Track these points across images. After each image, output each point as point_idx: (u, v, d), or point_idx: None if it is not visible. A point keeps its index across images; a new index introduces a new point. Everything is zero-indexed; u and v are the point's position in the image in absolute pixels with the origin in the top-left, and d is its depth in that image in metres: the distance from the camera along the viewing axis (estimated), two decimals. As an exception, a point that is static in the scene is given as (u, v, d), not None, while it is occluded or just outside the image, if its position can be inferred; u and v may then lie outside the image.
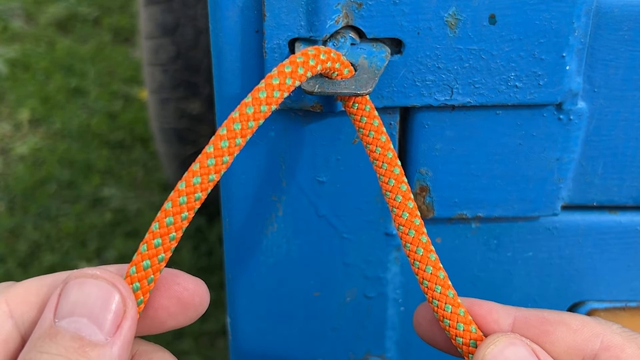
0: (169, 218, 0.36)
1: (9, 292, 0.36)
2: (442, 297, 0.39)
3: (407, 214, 0.40)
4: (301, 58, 0.38)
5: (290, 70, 0.38)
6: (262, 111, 0.37)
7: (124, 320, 0.34)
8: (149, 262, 0.35)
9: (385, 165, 0.41)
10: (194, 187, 0.36)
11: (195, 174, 0.36)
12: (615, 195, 0.52)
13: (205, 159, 0.36)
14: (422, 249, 0.40)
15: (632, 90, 0.47)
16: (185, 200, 0.36)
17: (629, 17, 0.45)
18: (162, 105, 1.36)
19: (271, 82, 0.37)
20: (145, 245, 0.35)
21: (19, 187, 1.77)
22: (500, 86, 0.45)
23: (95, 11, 2.38)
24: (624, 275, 0.55)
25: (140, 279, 0.35)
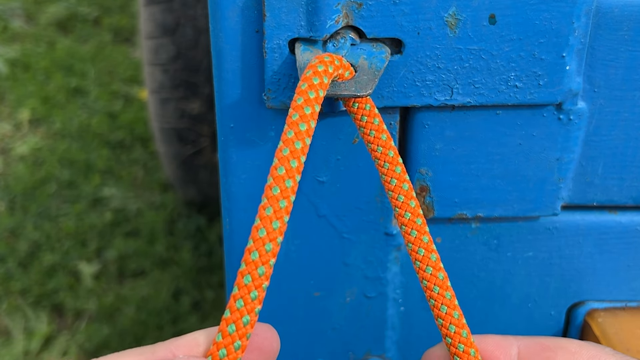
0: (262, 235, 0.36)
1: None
2: (439, 298, 0.40)
3: (410, 213, 0.40)
4: (322, 67, 0.39)
5: (324, 69, 0.38)
6: (316, 110, 0.37)
7: None
8: (233, 327, 0.35)
9: (387, 164, 0.41)
10: (280, 211, 0.36)
11: (278, 197, 0.36)
12: (615, 195, 0.52)
13: (282, 180, 0.36)
14: (423, 250, 0.40)
15: (632, 90, 0.47)
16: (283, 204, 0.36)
17: (629, 17, 0.45)
18: (162, 105, 1.36)
19: (313, 82, 0.38)
20: (229, 311, 0.35)
21: (19, 187, 1.77)
22: (500, 86, 0.45)
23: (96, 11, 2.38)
24: (623, 275, 0.55)
25: (227, 345, 0.35)
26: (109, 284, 1.56)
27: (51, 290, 1.55)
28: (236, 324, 0.34)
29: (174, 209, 1.71)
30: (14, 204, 1.74)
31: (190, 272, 1.57)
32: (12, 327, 1.48)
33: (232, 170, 0.48)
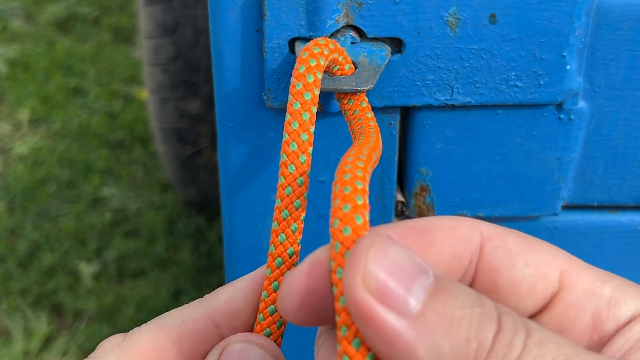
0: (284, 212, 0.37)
1: (127, 357, 0.33)
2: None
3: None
4: (317, 49, 0.39)
5: (319, 51, 0.38)
6: (316, 94, 0.38)
7: None
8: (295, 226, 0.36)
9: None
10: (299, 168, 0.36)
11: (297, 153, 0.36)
12: (616, 195, 0.52)
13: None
14: None
15: (632, 90, 0.47)
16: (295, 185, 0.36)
17: (630, 17, 0.45)
18: (162, 105, 1.36)
19: (310, 64, 0.38)
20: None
21: (18, 186, 1.77)
22: (500, 86, 0.45)
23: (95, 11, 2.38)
24: (624, 275, 0.55)
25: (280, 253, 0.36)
26: (109, 284, 1.56)
27: (51, 290, 1.54)
28: (282, 257, 0.36)
29: (174, 209, 1.71)
30: (14, 204, 1.74)
31: (190, 272, 1.57)
32: (11, 327, 1.48)
33: (232, 170, 0.48)
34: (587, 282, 0.32)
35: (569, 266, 0.32)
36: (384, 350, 0.27)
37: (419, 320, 0.26)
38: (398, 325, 0.26)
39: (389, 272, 0.27)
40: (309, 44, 0.39)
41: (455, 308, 0.26)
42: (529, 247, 0.33)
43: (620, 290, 0.32)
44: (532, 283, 0.32)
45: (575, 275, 0.32)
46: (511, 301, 0.32)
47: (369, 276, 0.27)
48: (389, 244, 0.28)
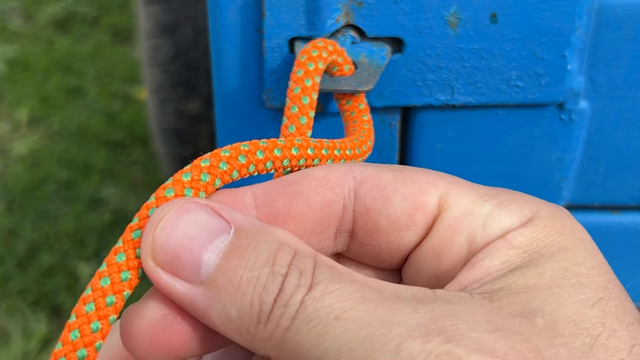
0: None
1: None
2: None
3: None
4: (316, 51, 0.38)
5: (317, 54, 0.38)
6: (314, 98, 0.37)
7: None
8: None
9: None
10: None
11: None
12: (617, 196, 0.51)
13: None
14: None
15: (633, 90, 0.47)
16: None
17: (631, 16, 0.44)
18: (161, 105, 1.36)
19: (308, 68, 0.37)
20: None
21: (17, 187, 1.77)
22: (501, 86, 0.44)
23: (94, 11, 2.38)
24: (625, 276, 0.55)
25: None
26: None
27: (50, 291, 1.54)
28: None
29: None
30: (13, 204, 1.74)
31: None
32: (10, 328, 1.47)
33: (232, 170, 0.48)
34: (466, 202, 0.31)
35: (449, 189, 0.32)
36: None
37: (210, 287, 0.27)
38: (190, 294, 0.27)
39: (177, 243, 0.27)
40: (307, 46, 0.39)
41: (245, 270, 0.27)
42: (405, 180, 0.32)
43: (500, 207, 0.31)
44: (411, 215, 0.32)
45: (454, 198, 0.32)
46: (394, 237, 0.32)
47: (157, 250, 0.27)
48: (183, 212, 0.28)
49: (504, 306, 0.27)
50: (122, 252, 0.28)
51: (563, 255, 0.29)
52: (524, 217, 0.31)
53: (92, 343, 0.27)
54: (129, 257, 0.28)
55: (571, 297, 0.28)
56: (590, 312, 0.28)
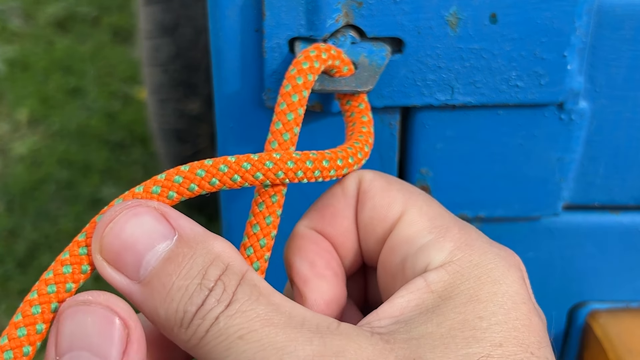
0: None
1: None
2: None
3: None
4: (307, 64, 0.39)
5: (309, 66, 0.38)
6: (300, 114, 0.37)
7: (129, 344, 0.30)
8: None
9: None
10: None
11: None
12: (617, 196, 0.51)
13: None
14: None
15: (634, 90, 0.47)
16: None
17: (631, 16, 0.44)
18: (161, 105, 1.36)
19: (296, 83, 0.38)
20: None
21: (17, 187, 1.77)
22: (501, 86, 0.44)
23: (94, 11, 2.38)
24: (625, 276, 0.55)
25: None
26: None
27: (50, 290, 1.54)
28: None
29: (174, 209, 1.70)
30: (13, 204, 1.74)
31: (189, 272, 1.56)
32: (11, 328, 1.47)
33: (232, 170, 0.48)
34: (415, 228, 0.34)
35: (410, 212, 0.35)
36: None
37: (146, 286, 0.30)
38: (129, 288, 0.31)
39: (122, 244, 0.30)
40: (299, 56, 0.39)
41: (178, 278, 0.30)
42: (383, 192, 0.35)
43: (437, 241, 0.33)
44: (374, 225, 0.35)
45: (409, 221, 0.34)
46: (365, 239, 0.36)
47: (105, 247, 0.31)
48: (132, 215, 0.31)
49: (394, 349, 0.29)
50: (69, 265, 0.31)
51: (471, 306, 0.30)
52: (452, 256, 0.32)
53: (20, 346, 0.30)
54: (74, 271, 0.31)
55: (458, 350, 0.29)
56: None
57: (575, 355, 0.57)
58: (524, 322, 0.31)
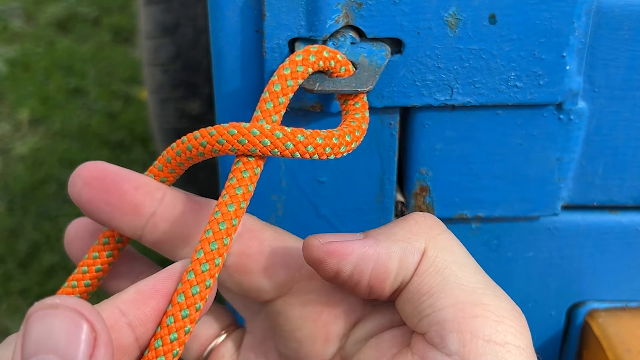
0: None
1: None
2: None
3: None
4: (288, 70, 0.40)
5: (290, 71, 0.39)
6: (274, 120, 0.39)
7: (96, 348, 0.30)
8: (206, 266, 0.36)
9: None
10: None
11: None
12: (616, 195, 0.52)
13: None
14: None
15: (632, 90, 0.47)
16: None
17: (630, 17, 0.45)
18: (162, 105, 1.36)
19: (273, 89, 0.39)
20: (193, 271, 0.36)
21: (18, 187, 1.77)
22: (500, 86, 0.45)
23: (95, 11, 2.38)
24: (624, 275, 0.55)
25: (199, 282, 0.36)
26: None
27: (51, 290, 1.54)
28: (199, 286, 0.36)
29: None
30: (14, 204, 1.74)
31: (190, 272, 1.56)
32: (11, 328, 1.48)
33: (232, 170, 0.48)
34: None
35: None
36: None
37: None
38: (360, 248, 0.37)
39: None
40: (285, 62, 0.40)
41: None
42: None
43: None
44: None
45: None
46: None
47: None
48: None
49: None
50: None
51: None
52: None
53: None
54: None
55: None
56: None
57: (574, 355, 0.57)
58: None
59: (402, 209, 0.51)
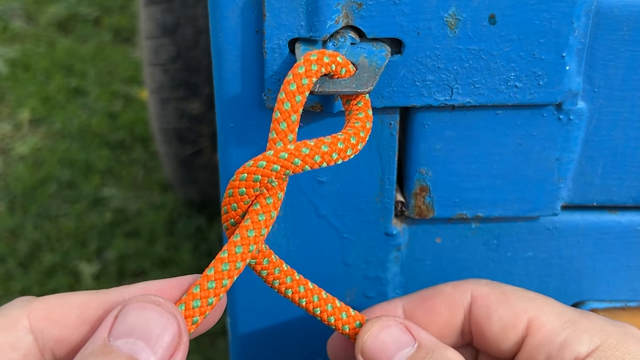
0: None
1: (30, 307, 0.36)
2: (318, 302, 0.44)
3: None
4: (302, 68, 0.40)
5: (296, 88, 0.40)
6: (293, 121, 0.40)
7: (177, 352, 0.34)
8: (213, 284, 0.36)
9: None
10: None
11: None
12: (615, 195, 0.52)
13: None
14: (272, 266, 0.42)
15: (632, 90, 0.47)
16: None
17: (629, 17, 0.45)
18: (162, 105, 1.36)
19: (289, 89, 0.39)
20: (213, 268, 0.37)
21: (19, 187, 1.77)
22: (500, 86, 0.45)
23: (96, 11, 2.38)
24: (623, 275, 0.55)
25: (202, 298, 0.36)
26: (109, 284, 1.56)
27: (51, 290, 1.55)
28: (202, 301, 0.37)
29: (174, 209, 1.71)
30: (14, 204, 1.74)
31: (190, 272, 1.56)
32: (12, 327, 1.48)
33: (232, 170, 0.48)
34: (548, 329, 0.41)
35: (538, 316, 0.42)
36: None
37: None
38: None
39: (377, 348, 0.42)
40: (289, 76, 0.40)
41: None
42: (505, 303, 0.43)
43: (574, 336, 0.41)
44: (505, 332, 0.43)
45: (539, 323, 0.42)
46: (494, 345, 0.44)
47: (364, 350, 0.42)
48: (384, 327, 0.42)
49: None
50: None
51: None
52: (592, 345, 0.40)
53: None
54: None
55: None
56: None
57: (574, 355, 0.57)
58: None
59: (402, 209, 0.51)
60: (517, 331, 0.42)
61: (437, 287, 0.46)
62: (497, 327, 0.43)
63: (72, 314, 0.36)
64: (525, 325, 0.42)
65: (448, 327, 0.45)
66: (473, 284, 0.45)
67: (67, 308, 0.36)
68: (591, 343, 0.40)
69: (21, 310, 0.36)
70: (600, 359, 0.39)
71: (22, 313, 0.35)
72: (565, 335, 0.41)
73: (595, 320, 0.41)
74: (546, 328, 0.41)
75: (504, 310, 0.43)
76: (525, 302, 0.43)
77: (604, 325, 0.41)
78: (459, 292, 0.45)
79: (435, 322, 0.45)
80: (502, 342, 0.43)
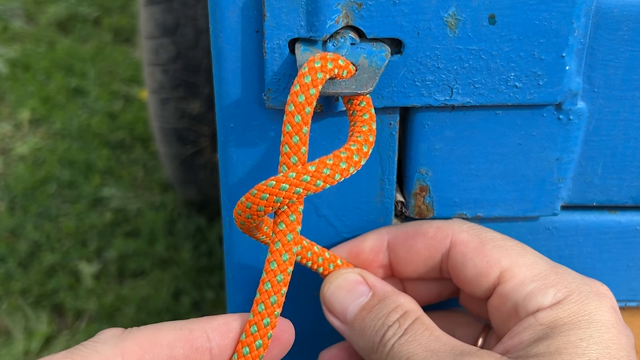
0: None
1: (124, 346, 0.37)
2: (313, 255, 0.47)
3: None
4: (308, 78, 0.40)
5: (305, 99, 0.40)
6: (305, 133, 0.40)
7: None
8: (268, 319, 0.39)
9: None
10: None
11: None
12: (615, 195, 0.52)
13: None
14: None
15: (631, 90, 0.47)
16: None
17: (629, 17, 0.45)
18: (162, 105, 1.36)
19: (304, 82, 0.40)
20: (262, 304, 0.39)
21: (19, 187, 1.77)
22: (500, 86, 0.45)
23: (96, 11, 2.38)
24: (623, 275, 0.55)
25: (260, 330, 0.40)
26: (109, 284, 1.56)
27: (51, 290, 1.55)
28: (257, 325, 0.39)
29: (174, 209, 1.71)
30: (14, 204, 1.74)
31: (190, 272, 1.57)
32: (12, 327, 1.48)
33: (232, 170, 0.48)
34: (518, 280, 0.44)
35: (510, 267, 0.44)
36: None
37: (351, 327, 0.46)
38: (341, 327, 0.47)
39: (335, 299, 0.47)
40: (294, 88, 0.40)
41: (369, 320, 0.45)
42: (480, 252, 0.45)
43: (540, 289, 0.43)
44: (478, 279, 0.45)
45: (511, 274, 0.44)
46: (468, 288, 0.46)
47: (325, 300, 0.48)
48: (343, 280, 0.48)
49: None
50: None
51: (574, 332, 0.40)
52: (555, 299, 0.42)
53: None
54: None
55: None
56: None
57: (574, 354, 0.57)
58: (614, 342, 0.40)
59: (402, 209, 0.51)
60: (489, 280, 0.45)
61: (422, 225, 0.48)
62: (471, 274, 0.45)
63: (163, 353, 0.37)
64: (497, 275, 0.44)
65: (426, 266, 0.48)
66: (455, 228, 0.47)
67: (158, 348, 0.37)
68: (555, 297, 0.42)
69: (115, 350, 0.37)
70: (559, 312, 0.41)
71: (116, 353, 0.36)
72: (533, 287, 0.43)
73: (564, 276, 0.43)
74: (516, 279, 0.44)
75: (479, 259, 0.45)
76: (500, 252, 0.45)
77: (571, 281, 0.43)
78: (440, 236, 0.47)
79: (414, 260, 0.48)
80: (475, 287, 0.45)
